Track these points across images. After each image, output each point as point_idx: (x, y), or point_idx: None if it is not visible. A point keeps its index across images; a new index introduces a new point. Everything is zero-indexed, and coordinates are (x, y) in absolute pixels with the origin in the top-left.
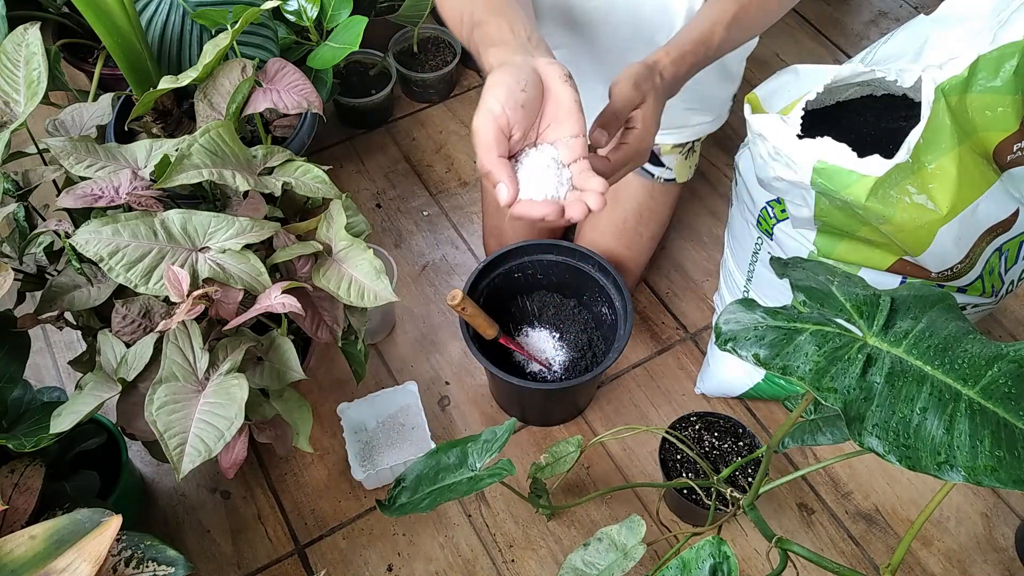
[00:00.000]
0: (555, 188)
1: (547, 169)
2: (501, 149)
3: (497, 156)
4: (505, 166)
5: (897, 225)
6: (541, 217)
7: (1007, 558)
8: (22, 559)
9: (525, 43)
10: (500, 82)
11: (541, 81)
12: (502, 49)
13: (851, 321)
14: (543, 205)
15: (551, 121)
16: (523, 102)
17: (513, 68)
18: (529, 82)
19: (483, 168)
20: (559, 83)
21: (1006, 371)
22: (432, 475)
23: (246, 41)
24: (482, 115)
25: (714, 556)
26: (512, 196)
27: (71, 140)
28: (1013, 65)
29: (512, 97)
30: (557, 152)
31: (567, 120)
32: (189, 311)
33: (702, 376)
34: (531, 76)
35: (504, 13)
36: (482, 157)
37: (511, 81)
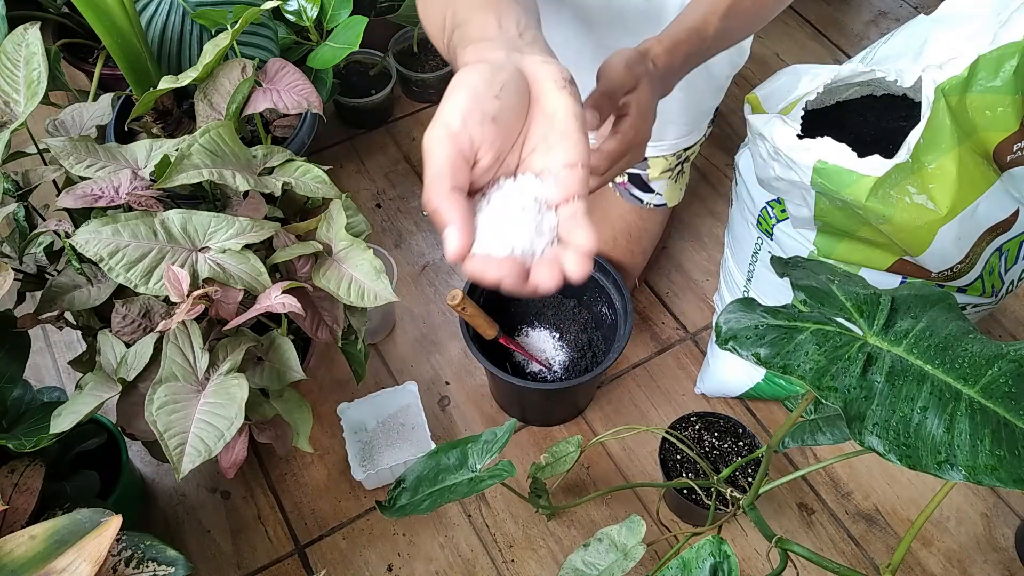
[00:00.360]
0: (528, 239)
1: (522, 212)
2: (457, 179)
3: (449, 189)
4: (456, 204)
5: (897, 225)
6: (495, 281)
7: (1007, 558)
8: (22, 559)
9: (514, 38)
10: (465, 85)
11: (527, 86)
12: (480, 46)
13: (851, 320)
14: (500, 264)
15: (539, 142)
16: (495, 114)
17: (487, 67)
18: (508, 86)
19: (428, 205)
20: (553, 90)
21: (1006, 370)
22: (432, 476)
23: (246, 41)
24: (436, 130)
25: (714, 556)
26: (461, 248)
27: (71, 140)
28: (1013, 65)
29: (479, 107)
30: (543, 187)
31: (561, 142)
32: (189, 311)
33: (702, 376)
34: (512, 79)
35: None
36: (429, 189)
37: (481, 83)
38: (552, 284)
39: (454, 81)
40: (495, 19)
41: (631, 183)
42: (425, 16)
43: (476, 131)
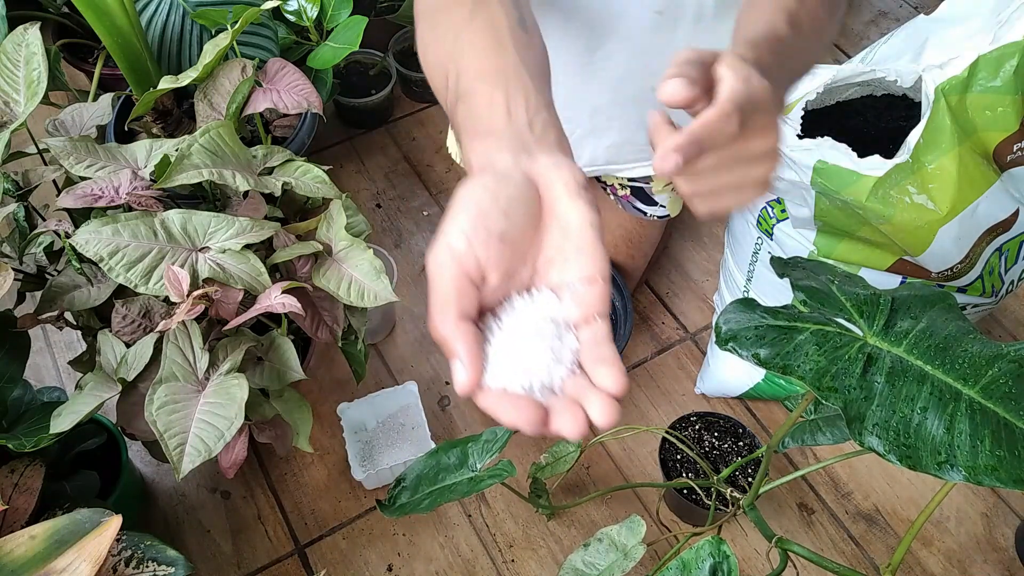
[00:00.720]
0: (545, 369)
1: (538, 337)
2: (463, 304)
3: (456, 316)
4: (464, 333)
5: (897, 225)
6: (511, 426)
7: (1007, 558)
8: (22, 559)
9: (523, 131)
10: (470, 202)
11: (537, 195)
12: (487, 142)
13: (851, 321)
14: (517, 406)
15: (554, 254)
16: (503, 231)
17: (493, 178)
18: (516, 201)
19: (434, 333)
20: (566, 198)
21: (1006, 371)
22: (432, 475)
23: (246, 41)
24: (439, 252)
25: (714, 556)
26: (471, 382)
27: (71, 140)
28: (1013, 65)
29: (485, 226)
30: (560, 306)
31: (578, 255)
32: (189, 311)
33: (702, 376)
34: (520, 191)
35: (501, 80)
36: (434, 316)
37: (486, 199)
38: (576, 433)
39: (458, 197)
40: (503, 100)
41: (634, 196)
42: (425, 62)
43: (482, 252)
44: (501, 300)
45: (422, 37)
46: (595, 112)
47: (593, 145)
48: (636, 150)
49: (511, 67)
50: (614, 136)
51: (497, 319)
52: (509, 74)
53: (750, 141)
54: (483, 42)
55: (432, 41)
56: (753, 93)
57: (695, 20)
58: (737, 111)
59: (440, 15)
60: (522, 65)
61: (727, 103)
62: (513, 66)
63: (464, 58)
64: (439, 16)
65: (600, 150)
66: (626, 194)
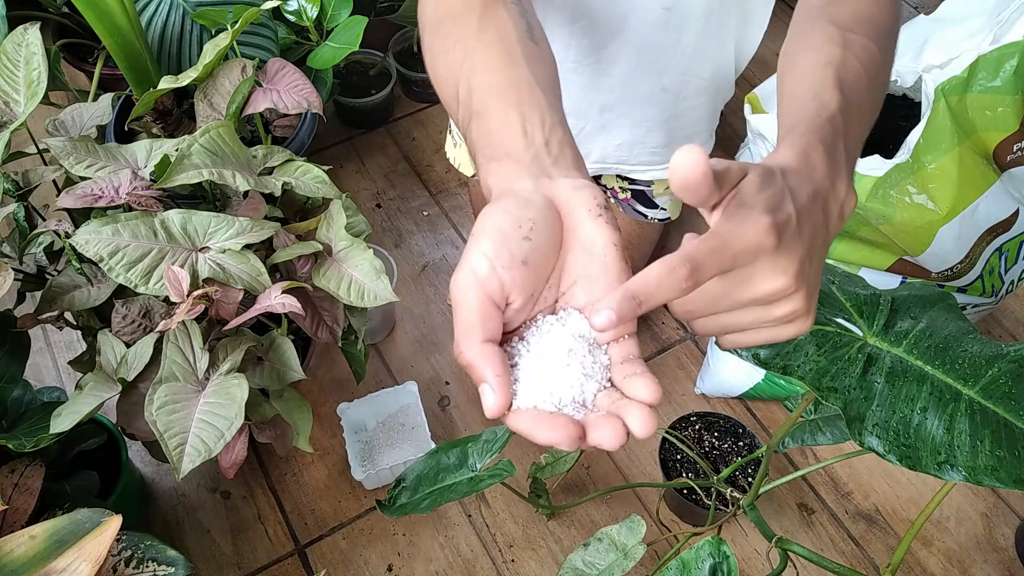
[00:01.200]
0: (578, 385)
1: (569, 354)
2: (488, 328)
3: (481, 340)
4: (492, 357)
5: (897, 225)
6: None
7: (1007, 558)
8: (22, 559)
9: (540, 153)
10: (492, 226)
11: (558, 218)
12: (505, 165)
13: (851, 321)
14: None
15: (579, 276)
16: (526, 255)
17: (514, 203)
18: (538, 223)
19: (461, 358)
20: (588, 219)
21: (1006, 371)
22: (432, 475)
23: (246, 41)
24: (463, 277)
25: (714, 556)
26: (501, 405)
27: (71, 140)
28: (1013, 65)
29: (508, 249)
30: (588, 324)
31: (603, 275)
32: (189, 311)
33: (702, 376)
34: (541, 213)
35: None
36: (460, 342)
37: (509, 224)
38: (616, 444)
39: (480, 222)
40: (518, 120)
41: (634, 199)
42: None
43: (506, 276)
44: (525, 323)
45: (430, 46)
46: (605, 109)
47: (603, 143)
48: (648, 152)
49: (524, 83)
50: (625, 135)
51: (523, 341)
52: (522, 91)
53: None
54: (494, 56)
55: (441, 52)
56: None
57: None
58: (688, 264)
59: (448, 25)
60: (534, 80)
61: (677, 256)
62: (526, 82)
63: (475, 73)
64: (447, 26)
65: (611, 148)
66: (627, 197)
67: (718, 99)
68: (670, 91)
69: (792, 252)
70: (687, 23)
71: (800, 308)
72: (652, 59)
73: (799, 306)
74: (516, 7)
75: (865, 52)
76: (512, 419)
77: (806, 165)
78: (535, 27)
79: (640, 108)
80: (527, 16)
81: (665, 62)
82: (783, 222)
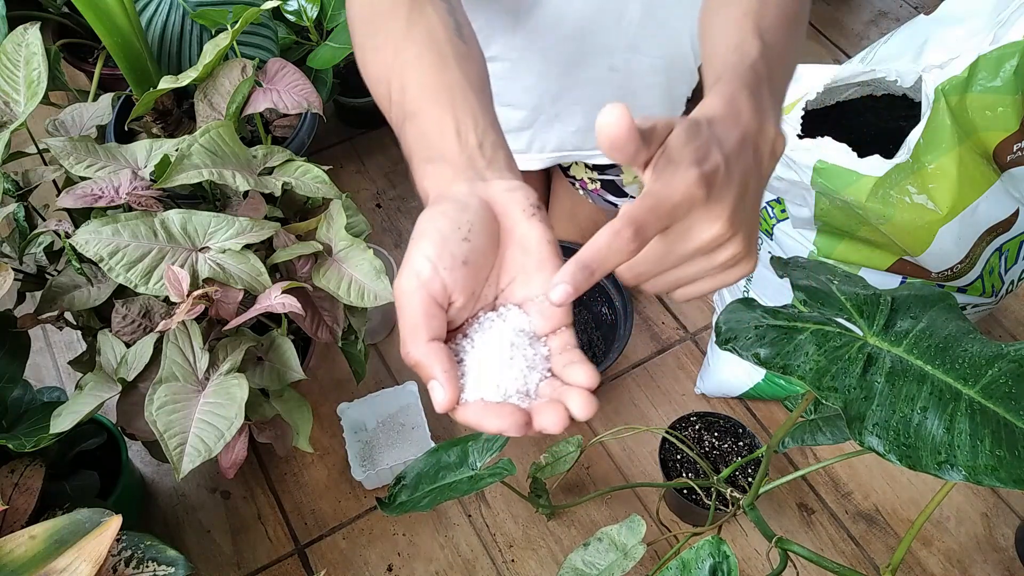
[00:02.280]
0: (521, 377)
1: (511, 348)
2: (433, 327)
3: (427, 339)
4: (439, 355)
5: (897, 225)
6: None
7: (1007, 558)
8: (22, 559)
9: (474, 156)
10: (432, 229)
11: (495, 219)
12: (440, 168)
13: (851, 320)
14: (500, 412)
15: (516, 273)
16: (465, 256)
17: (452, 206)
18: (475, 225)
19: (408, 358)
20: (523, 219)
21: (1006, 371)
22: (432, 474)
23: (246, 41)
24: (405, 280)
25: (714, 556)
26: (450, 399)
27: (71, 140)
28: (1013, 65)
29: (448, 251)
30: (528, 319)
31: (539, 271)
32: (189, 311)
33: (702, 376)
34: (478, 215)
35: (446, 99)
36: (406, 342)
37: (447, 227)
38: (559, 427)
39: (420, 226)
40: (452, 123)
41: (604, 189)
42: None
43: (447, 276)
44: (467, 320)
45: (361, 44)
46: (556, 98)
47: (559, 130)
48: None
49: (456, 85)
50: (579, 120)
51: (467, 338)
52: (455, 92)
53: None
54: (424, 56)
55: (371, 49)
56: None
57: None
58: (631, 225)
59: (376, 24)
60: (466, 82)
61: (619, 220)
62: (458, 83)
63: (407, 73)
64: (375, 24)
65: (567, 135)
66: (596, 188)
67: (675, 81)
68: (619, 70)
69: (724, 199)
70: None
71: (740, 251)
72: (595, 40)
73: (738, 249)
74: (443, 4)
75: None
76: (461, 412)
77: (732, 111)
78: (463, 24)
79: (590, 91)
80: (455, 13)
81: (609, 41)
82: (711, 172)
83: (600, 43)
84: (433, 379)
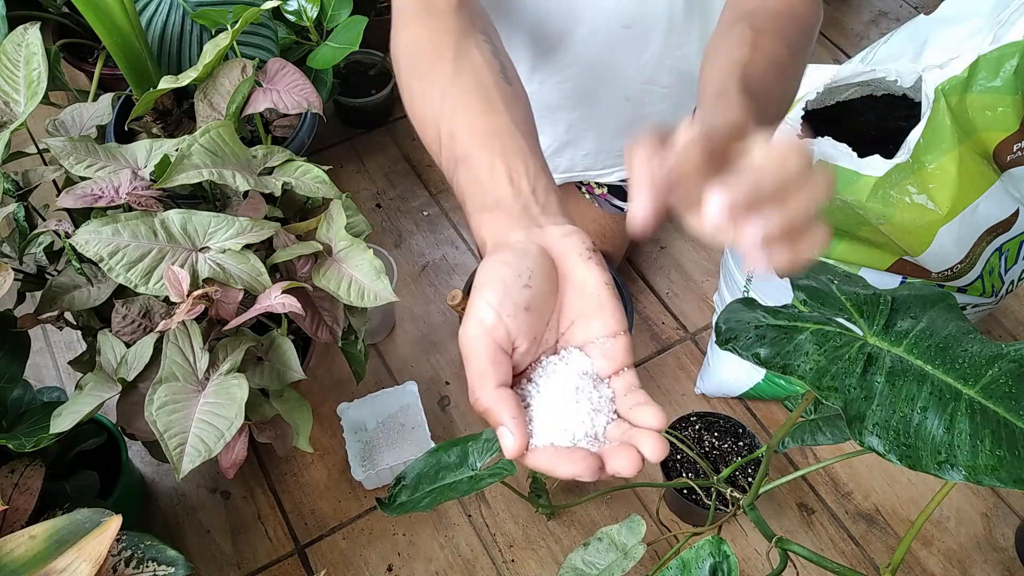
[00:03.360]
0: (589, 420)
1: (576, 392)
2: (499, 374)
3: (495, 386)
4: (507, 401)
5: (897, 225)
6: (570, 476)
7: (1007, 558)
8: (22, 559)
9: (528, 202)
10: (495, 279)
11: (553, 264)
12: (497, 218)
13: (851, 320)
14: (572, 458)
15: (576, 316)
16: (527, 302)
17: (512, 254)
18: (535, 272)
19: (477, 405)
20: (580, 263)
21: (1006, 371)
22: (432, 474)
23: (246, 41)
24: (471, 327)
25: (714, 556)
26: (519, 445)
27: (71, 140)
28: (1013, 65)
29: (511, 298)
30: (590, 361)
31: (598, 313)
32: (189, 311)
33: (702, 376)
34: (537, 262)
35: (497, 145)
36: (475, 389)
37: (508, 275)
38: (633, 471)
39: (481, 275)
40: (504, 169)
41: (611, 194)
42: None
43: (511, 323)
44: (531, 365)
45: (407, 85)
46: (571, 127)
47: (571, 154)
48: (613, 156)
49: (505, 129)
50: (590, 145)
51: (532, 383)
52: (504, 138)
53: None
54: (473, 101)
55: (419, 92)
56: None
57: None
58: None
59: (423, 66)
60: (514, 126)
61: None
62: (507, 128)
63: (456, 118)
64: (422, 66)
65: (578, 158)
66: (603, 192)
67: (682, 101)
68: (632, 100)
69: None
70: (649, 38)
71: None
72: (614, 74)
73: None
74: (488, 46)
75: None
76: (531, 458)
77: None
78: (508, 67)
79: (603, 119)
80: (499, 56)
81: (628, 76)
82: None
83: (619, 76)
84: (502, 425)
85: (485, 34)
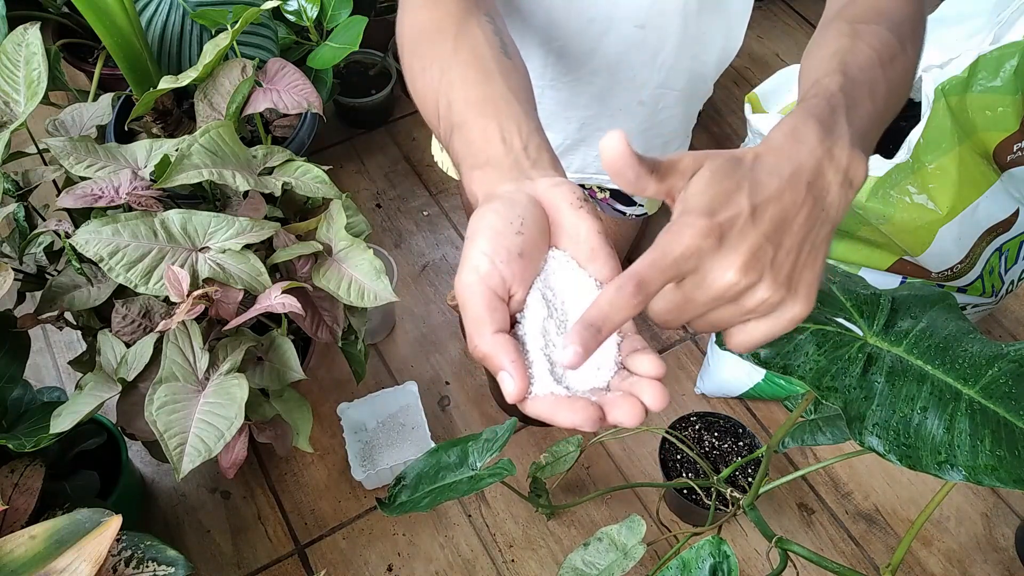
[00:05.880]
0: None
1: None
2: (497, 321)
3: (492, 332)
4: (505, 346)
5: (897, 225)
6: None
7: (1007, 558)
8: (22, 559)
9: (520, 158)
10: (485, 227)
11: (544, 213)
12: (488, 173)
13: (851, 320)
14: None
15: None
16: (520, 248)
17: (502, 203)
18: (527, 219)
19: (476, 352)
20: (570, 211)
21: (1006, 371)
22: (432, 474)
23: (246, 41)
24: (466, 275)
25: (714, 556)
26: (520, 389)
27: (71, 140)
28: (1013, 65)
29: (503, 245)
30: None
31: (591, 261)
32: (189, 311)
33: (702, 376)
34: (528, 210)
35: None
36: (473, 336)
37: (500, 223)
38: (636, 420)
39: (473, 225)
40: (497, 130)
41: (613, 198)
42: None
43: (505, 270)
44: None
45: (410, 66)
46: (583, 125)
47: (583, 154)
48: None
49: (500, 96)
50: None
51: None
52: (499, 103)
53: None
54: (471, 73)
55: (420, 71)
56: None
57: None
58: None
59: (424, 45)
60: (510, 93)
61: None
62: (502, 95)
63: (454, 89)
64: (423, 46)
65: (590, 159)
66: (605, 197)
67: (694, 103)
68: (647, 104)
69: (739, 247)
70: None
71: (770, 296)
72: (629, 76)
73: (768, 295)
74: (490, 25)
75: (877, 38)
76: (531, 405)
77: (792, 142)
78: (508, 43)
79: (618, 120)
80: (500, 34)
81: (642, 78)
82: (726, 220)
83: (633, 79)
84: (503, 369)
85: (488, 16)
